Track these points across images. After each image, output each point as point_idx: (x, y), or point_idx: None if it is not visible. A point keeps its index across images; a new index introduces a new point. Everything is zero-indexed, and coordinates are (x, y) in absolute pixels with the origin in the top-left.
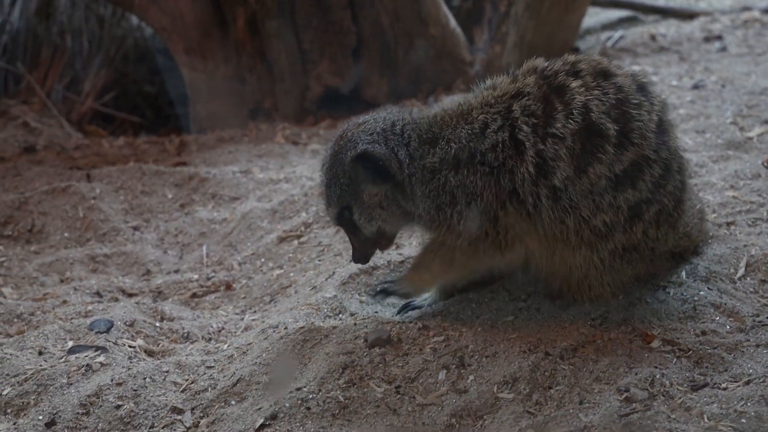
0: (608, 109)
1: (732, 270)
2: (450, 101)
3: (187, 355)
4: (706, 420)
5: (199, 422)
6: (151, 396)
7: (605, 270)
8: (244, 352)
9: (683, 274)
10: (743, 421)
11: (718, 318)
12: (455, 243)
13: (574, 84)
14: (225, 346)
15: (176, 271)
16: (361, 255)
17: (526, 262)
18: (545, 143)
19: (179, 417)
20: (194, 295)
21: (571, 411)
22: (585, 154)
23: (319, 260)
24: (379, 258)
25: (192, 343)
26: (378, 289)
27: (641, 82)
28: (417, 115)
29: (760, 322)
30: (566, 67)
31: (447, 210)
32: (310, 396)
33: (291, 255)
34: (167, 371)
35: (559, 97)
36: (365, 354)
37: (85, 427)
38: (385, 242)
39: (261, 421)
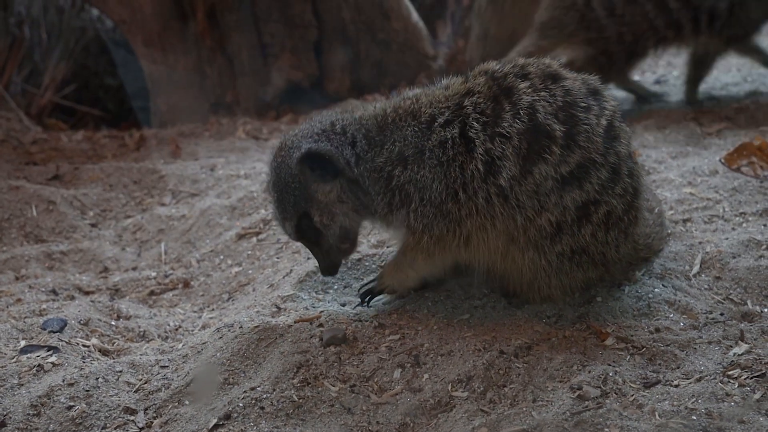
0: (555, 110)
1: (687, 267)
2: (403, 96)
3: (141, 355)
4: (657, 417)
5: (152, 422)
6: (104, 396)
7: (553, 272)
8: (198, 352)
9: (639, 271)
10: (694, 418)
11: (672, 315)
12: (422, 242)
13: (522, 85)
14: (180, 346)
15: (134, 269)
16: (328, 265)
17: (482, 264)
18: (493, 142)
19: (132, 417)
20: (152, 293)
21: (524, 409)
22: (531, 154)
23: (278, 257)
24: None
25: (148, 341)
26: (362, 291)
27: (594, 87)
28: (362, 114)
29: (712, 318)
30: (515, 69)
31: (402, 210)
32: (264, 395)
33: (250, 252)
34: (120, 371)
35: (507, 98)
36: (320, 353)
37: (36, 429)
38: (348, 246)
39: (214, 421)
